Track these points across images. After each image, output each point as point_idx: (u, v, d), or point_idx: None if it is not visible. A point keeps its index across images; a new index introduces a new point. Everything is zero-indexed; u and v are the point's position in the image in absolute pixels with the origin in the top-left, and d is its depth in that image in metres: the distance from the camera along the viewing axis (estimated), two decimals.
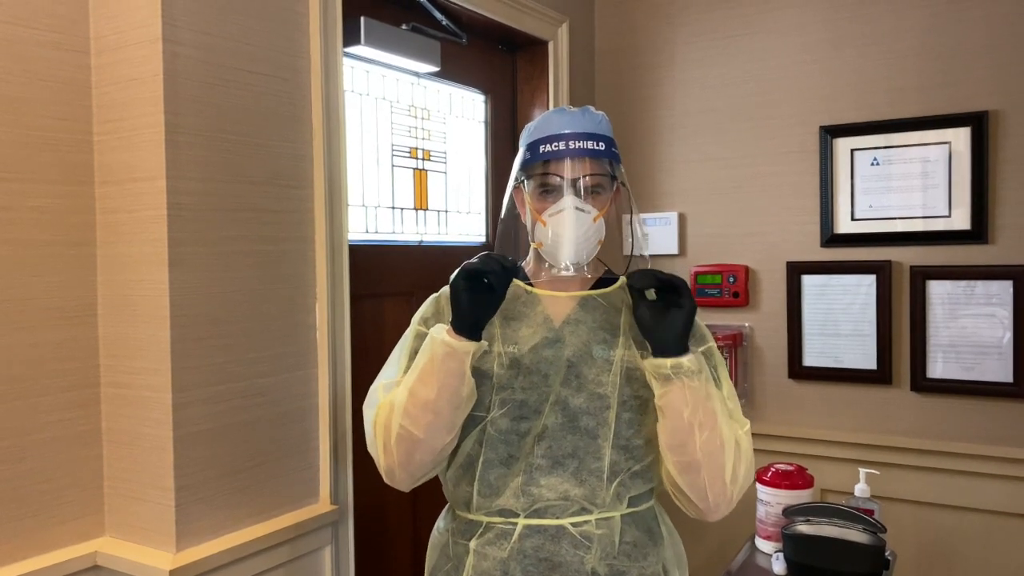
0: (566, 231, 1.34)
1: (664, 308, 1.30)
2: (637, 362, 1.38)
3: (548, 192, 1.37)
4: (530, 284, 1.46)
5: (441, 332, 1.31)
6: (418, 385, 1.31)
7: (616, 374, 1.37)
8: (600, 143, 1.36)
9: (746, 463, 1.40)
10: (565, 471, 1.34)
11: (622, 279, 1.51)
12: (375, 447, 1.37)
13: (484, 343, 1.33)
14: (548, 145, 1.36)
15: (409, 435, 1.32)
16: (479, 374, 1.37)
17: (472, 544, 1.37)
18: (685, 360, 1.29)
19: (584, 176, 1.35)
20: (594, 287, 1.47)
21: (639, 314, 1.32)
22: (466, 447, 1.39)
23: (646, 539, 1.39)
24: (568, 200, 1.34)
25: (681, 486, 1.35)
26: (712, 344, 1.47)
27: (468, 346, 1.29)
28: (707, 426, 1.32)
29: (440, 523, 1.49)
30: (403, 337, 1.47)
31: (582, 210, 1.34)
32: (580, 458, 1.35)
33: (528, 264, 1.51)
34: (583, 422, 1.35)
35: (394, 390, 1.37)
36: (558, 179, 1.36)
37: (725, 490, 1.35)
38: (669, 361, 1.29)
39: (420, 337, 1.43)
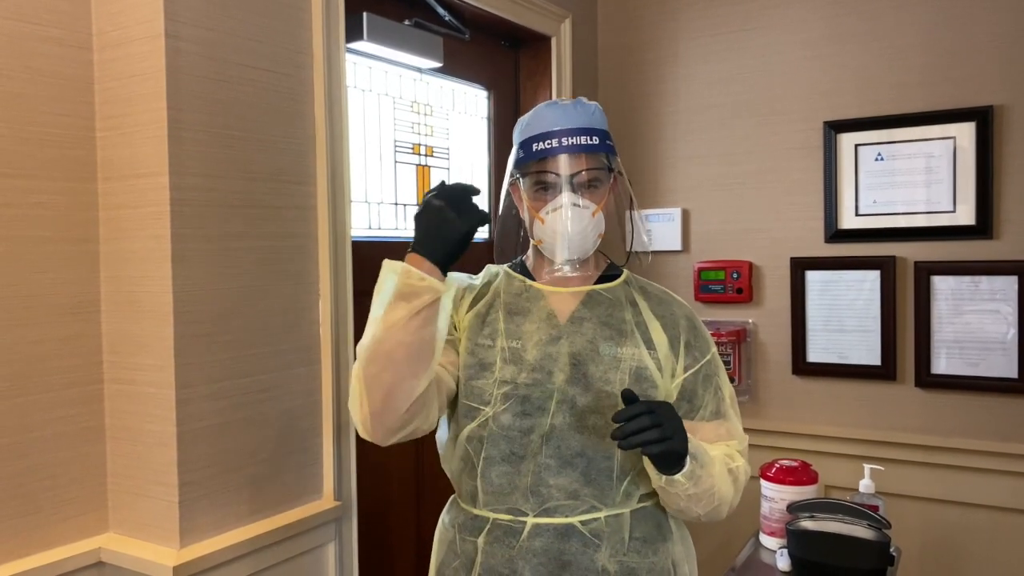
0: (564, 227, 1.33)
1: None
2: (646, 360, 1.38)
3: (544, 189, 1.36)
4: (532, 279, 1.46)
5: (406, 264, 1.21)
6: (382, 329, 1.22)
7: (624, 372, 1.36)
8: (594, 137, 1.35)
9: (742, 486, 1.43)
10: (574, 471, 1.33)
11: (626, 272, 1.50)
12: (352, 402, 1.29)
13: (452, 287, 1.26)
14: (541, 143, 1.34)
15: (377, 380, 1.23)
16: (482, 367, 1.37)
17: (480, 542, 1.36)
18: (679, 477, 1.28)
19: (580, 172, 1.34)
20: (598, 281, 1.47)
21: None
22: (463, 438, 1.38)
23: (655, 534, 1.39)
24: (565, 197, 1.33)
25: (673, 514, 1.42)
26: (714, 351, 1.47)
27: (437, 286, 1.21)
28: (707, 503, 1.35)
29: (445, 517, 1.48)
30: None
31: (579, 206, 1.33)
32: (589, 457, 1.34)
33: (529, 259, 1.50)
34: (591, 421, 1.34)
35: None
36: (553, 176, 1.34)
37: (719, 517, 1.40)
38: (663, 478, 1.30)
39: None
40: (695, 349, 1.44)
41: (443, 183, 1.25)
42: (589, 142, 1.34)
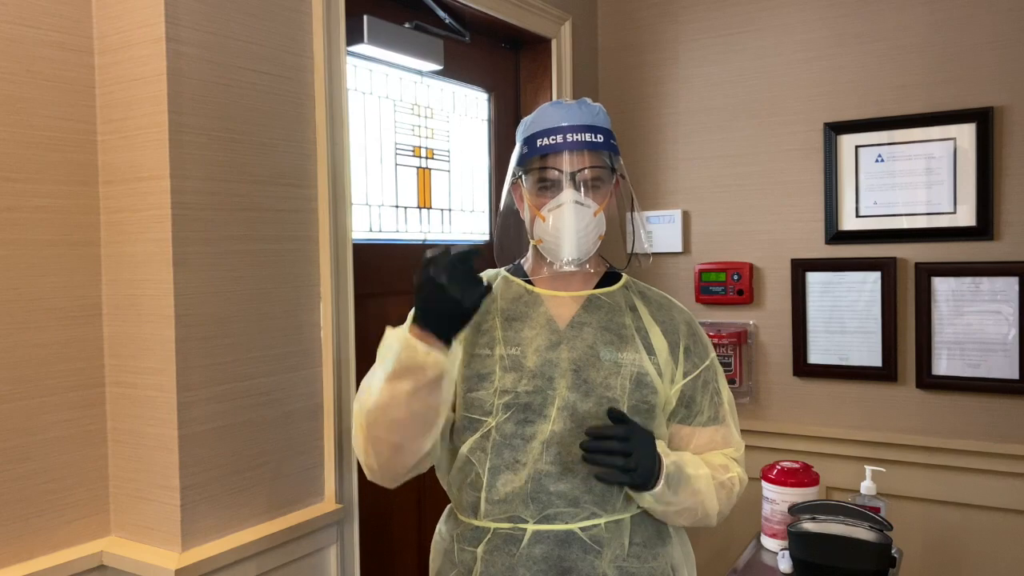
0: (566, 225, 1.32)
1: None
2: (646, 366, 1.37)
3: (547, 187, 1.35)
4: (531, 283, 1.44)
5: (410, 338, 1.22)
6: (386, 397, 1.25)
7: (625, 378, 1.35)
8: (598, 135, 1.34)
9: (737, 496, 1.44)
10: (575, 477, 1.32)
11: (625, 277, 1.50)
12: (356, 446, 1.34)
13: (457, 354, 1.28)
14: (545, 139, 1.34)
15: (384, 442, 1.28)
16: (480, 377, 1.36)
17: (479, 551, 1.35)
18: (646, 495, 1.31)
19: (583, 169, 1.33)
20: (598, 284, 1.46)
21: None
22: (465, 450, 1.36)
23: (655, 539, 1.38)
24: (568, 194, 1.32)
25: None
26: (713, 356, 1.47)
27: (441, 360, 1.23)
28: (688, 517, 1.38)
29: (442, 527, 1.46)
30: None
31: (582, 204, 1.32)
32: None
33: (527, 262, 1.49)
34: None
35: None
36: (556, 173, 1.33)
37: (709, 525, 1.42)
38: (634, 493, 1.33)
39: None
40: (695, 355, 1.44)
41: (446, 251, 1.22)
42: (593, 139, 1.33)
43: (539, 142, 1.34)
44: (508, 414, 1.33)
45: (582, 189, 1.33)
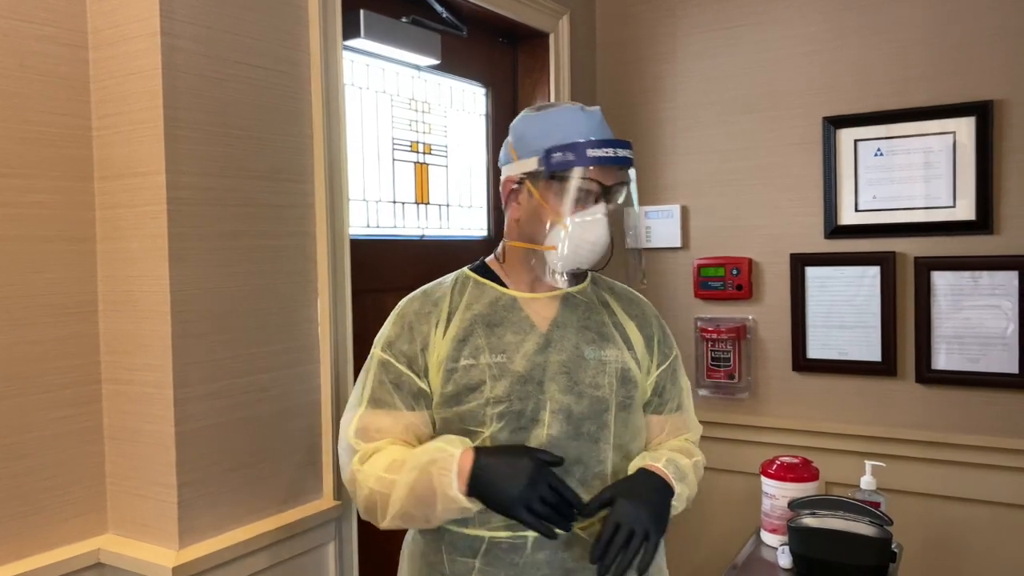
0: (595, 239, 1.33)
1: None
2: (628, 361, 1.40)
3: (581, 197, 1.33)
4: (504, 285, 1.43)
5: (454, 486, 1.23)
6: (411, 508, 1.28)
7: (612, 375, 1.37)
8: (631, 151, 1.36)
9: (700, 477, 1.47)
10: (572, 478, 1.33)
11: (591, 274, 1.51)
12: (360, 508, 1.35)
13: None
14: (598, 150, 1.31)
15: (401, 524, 1.33)
16: (469, 388, 1.33)
17: (477, 562, 1.33)
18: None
19: (619, 184, 1.36)
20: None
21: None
22: None
23: None
24: (602, 207, 1.34)
25: None
26: (676, 352, 1.52)
27: (477, 504, 1.26)
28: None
29: (416, 534, 1.44)
30: (367, 363, 1.42)
31: (606, 216, 1.35)
32: (585, 463, 1.35)
33: (499, 264, 1.46)
34: (585, 428, 1.35)
35: (374, 461, 1.32)
36: (597, 185, 1.33)
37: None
38: None
39: (384, 366, 1.38)
40: (665, 346, 1.49)
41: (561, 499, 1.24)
42: (629, 155, 1.35)
43: (589, 152, 1.31)
44: (502, 423, 1.32)
45: (611, 203, 1.36)
